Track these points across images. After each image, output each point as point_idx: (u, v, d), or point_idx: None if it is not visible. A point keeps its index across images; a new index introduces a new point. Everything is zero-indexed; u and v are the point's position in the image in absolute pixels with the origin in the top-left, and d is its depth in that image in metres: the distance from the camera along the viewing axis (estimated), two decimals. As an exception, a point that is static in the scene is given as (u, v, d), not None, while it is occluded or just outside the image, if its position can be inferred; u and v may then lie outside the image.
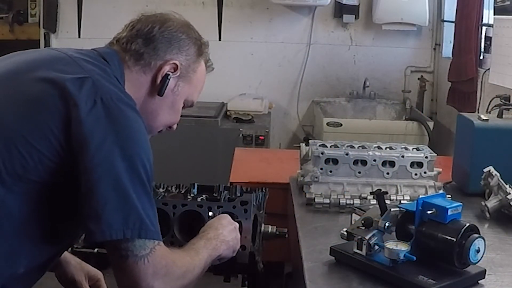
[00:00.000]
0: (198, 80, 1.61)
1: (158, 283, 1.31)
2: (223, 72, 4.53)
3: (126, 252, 1.29)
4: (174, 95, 1.55)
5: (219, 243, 1.54)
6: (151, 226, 1.32)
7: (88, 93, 1.32)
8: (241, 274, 1.79)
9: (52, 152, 1.29)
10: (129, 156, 1.31)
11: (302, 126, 4.65)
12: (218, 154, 3.84)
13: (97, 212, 1.27)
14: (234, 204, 1.72)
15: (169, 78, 1.51)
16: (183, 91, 1.57)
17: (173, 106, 1.57)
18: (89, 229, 1.28)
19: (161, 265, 1.32)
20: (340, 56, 4.59)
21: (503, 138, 2.21)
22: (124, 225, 1.28)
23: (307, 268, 1.60)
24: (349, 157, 2.12)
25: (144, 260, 1.30)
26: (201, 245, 1.51)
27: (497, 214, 1.99)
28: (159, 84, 1.51)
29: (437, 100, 4.51)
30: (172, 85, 1.53)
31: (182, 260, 1.40)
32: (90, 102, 1.31)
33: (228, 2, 4.51)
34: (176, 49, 1.53)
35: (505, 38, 3.01)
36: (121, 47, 1.51)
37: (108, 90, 1.35)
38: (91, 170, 1.28)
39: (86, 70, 1.37)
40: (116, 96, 1.35)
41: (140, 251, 1.29)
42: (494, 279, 1.54)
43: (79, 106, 1.29)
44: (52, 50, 1.50)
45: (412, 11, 4.26)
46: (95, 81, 1.35)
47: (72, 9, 4.49)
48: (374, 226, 1.55)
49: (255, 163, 2.80)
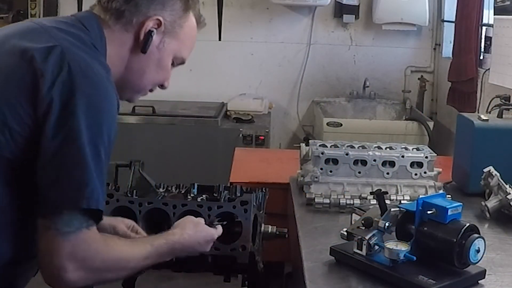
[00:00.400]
0: (186, 36, 1.54)
1: (72, 265, 1.26)
2: (223, 72, 4.55)
3: (50, 223, 1.25)
4: (160, 52, 1.50)
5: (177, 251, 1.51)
6: (99, 200, 1.27)
7: (54, 62, 1.28)
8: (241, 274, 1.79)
9: (22, 126, 1.27)
10: (91, 125, 1.27)
11: (302, 126, 4.65)
12: (218, 154, 3.84)
13: (46, 179, 1.25)
14: (234, 204, 1.72)
15: (152, 34, 1.46)
16: (170, 47, 1.51)
17: (160, 63, 1.51)
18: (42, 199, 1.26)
19: (80, 249, 1.27)
20: (340, 56, 4.59)
21: (503, 138, 2.21)
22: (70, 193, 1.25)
23: (307, 268, 1.60)
24: (349, 157, 2.12)
25: (64, 237, 1.25)
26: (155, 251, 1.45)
27: (497, 214, 1.99)
28: (142, 41, 1.46)
29: (437, 100, 4.51)
30: (157, 42, 1.48)
31: (113, 254, 1.34)
32: (56, 70, 1.28)
33: (228, 2, 4.51)
34: (160, 4, 1.48)
35: (505, 38, 3.01)
36: (102, 7, 1.46)
37: (77, 57, 1.31)
38: (52, 137, 1.25)
39: (56, 39, 1.34)
40: (85, 63, 1.31)
41: (64, 227, 1.25)
42: (494, 279, 1.54)
43: (45, 76, 1.27)
44: (28, 22, 1.46)
45: (412, 11, 4.27)
46: (64, 49, 1.31)
47: (72, 9, 4.48)
48: (374, 226, 1.55)
49: (255, 163, 2.80)
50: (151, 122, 3.97)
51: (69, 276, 1.26)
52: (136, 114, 3.97)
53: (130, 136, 3.87)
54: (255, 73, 4.62)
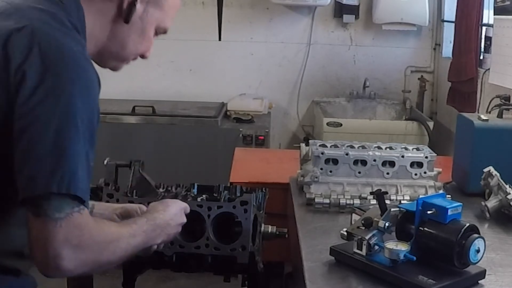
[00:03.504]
0: (169, 6, 1.51)
1: (67, 252, 1.21)
2: (223, 72, 4.55)
3: (39, 210, 1.20)
4: (143, 22, 1.46)
5: (162, 233, 1.49)
6: (81, 184, 1.22)
7: (24, 42, 1.24)
8: (241, 274, 1.80)
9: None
10: (66, 104, 1.22)
11: (302, 126, 4.65)
12: (218, 154, 3.84)
13: (24, 164, 1.20)
14: (234, 204, 1.72)
15: (135, 4, 1.43)
16: (153, 17, 1.48)
17: (142, 33, 1.48)
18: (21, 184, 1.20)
19: (74, 234, 1.22)
20: (340, 56, 4.59)
21: (503, 138, 2.21)
22: (50, 177, 1.19)
23: (307, 268, 1.60)
24: (349, 157, 2.12)
25: (56, 224, 1.20)
26: (141, 229, 1.43)
27: (497, 214, 1.99)
28: (125, 10, 1.42)
29: (437, 100, 4.51)
30: (140, 11, 1.45)
31: (105, 236, 1.30)
32: (26, 50, 1.23)
33: (228, 2, 4.51)
34: None
35: (505, 38, 3.01)
36: None
37: (48, 36, 1.26)
38: (22, 118, 1.20)
39: (27, 18, 1.29)
40: (57, 41, 1.26)
41: (54, 213, 1.19)
42: (494, 279, 1.54)
43: (14, 58, 1.23)
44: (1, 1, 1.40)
45: (412, 11, 4.26)
46: (35, 29, 1.26)
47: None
48: (374, 226, 1.55)
49: (255, 163, 2.80)
50: (151, 122, 3.97)
51: (66, 264, 1.21)
52: (136, 114, 3.97)
53: (130, 136, 3.87)
54: (255, 73, 4.62)
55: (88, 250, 1.25)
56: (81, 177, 1.22)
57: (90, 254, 1.26)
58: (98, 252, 1.28)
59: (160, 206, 1.56)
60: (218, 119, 4.00)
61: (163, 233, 1.50)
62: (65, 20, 1.33)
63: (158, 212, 1.53)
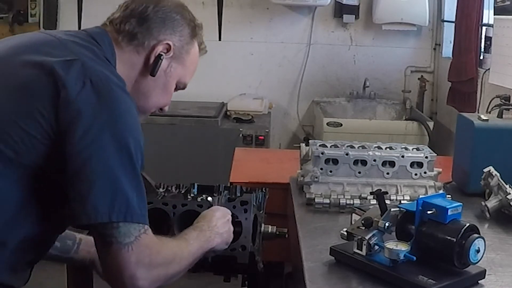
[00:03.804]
0: (191, 62, 1.59)
1: (141, 271, 1.30)
2: (223, 72, 4.55)
3: (110, 239, 1.28)
4: (166, 76, 1.53)
5: (212, 235, 1.55)
6: (138, 210, 1.30)
7: (77, 75, 1.30)
8: (241, 274, 1.79)
9: (43, 135, 1.29)
10: (119, 137, 1.29)
11: (302, 126, 4.65)
12: (218, 154, 3.84)
13: (83, 194, 1.26)
14: (234, 204, 1.72)
15: (162, 58, 1.49)
16: (176, 72, 1.55)
17: (165, 87, 1.55)
18: (75, 211, 1.28)
19: (144, 254, 1.31)
20: (340, 56, 4.59)
21: (503, 138, 2.21)
22: (110, 208, 1.27)
23: (307, 268, 1.60)
24: (349, 157, 2.12)
25: (128, 248, 1.28)
26: (193, 236, 1.51)
27: (497, 214, 1.99)
28: (152, 64, 1.49)
29: (437, 100, 4.51)
30: (165, 66, 1.52)
31: (169, 250, 1.39)
32: (79, 83, 1.30)
33: (228, 2, 4.51)
34: (170, 29, 1.51)
35: (505, 38, 3.01)
36: (114, 28, 1.49)
37: (97, 71, 1.33)
38: (80, 150, 1.27)
39: (75, 53, 1.36)
40: (106, 77, 1.33)
41: (124, 238, 1.28)
42: (494, 279, 1.54)
43: (68, 87, 1.28)
44: (41, 33, 1.48)
45: (412, 11, 4.26)
46: (84, 63, 1.33)
47: (72, 9, 4.50)
48: (374, 226, 1.55)
49: (255, 163, 2.80)
50: (151, 122, 3.96)
51: (141, 284, 1.30)
52: (136, 114, 3.96)
53: (130, 136, 3.86)
54: (255, 73, 4.62)
55: (158, 266, 1.34)
56: (136, 203, 1.30)
57: (161, 269, 1.35)
58: (167, 266, 1.37)
59: (200, 217, 1.62)
60: (218, 119, 3.99)
61: (213, 233, 1.55)
62: (104, 59, 1.41)
63: (202, 221, 1.59)
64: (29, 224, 1.34)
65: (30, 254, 1.40)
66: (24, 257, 1.38)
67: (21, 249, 1.35)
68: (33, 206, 1.33)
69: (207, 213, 1.62)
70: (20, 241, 1.34)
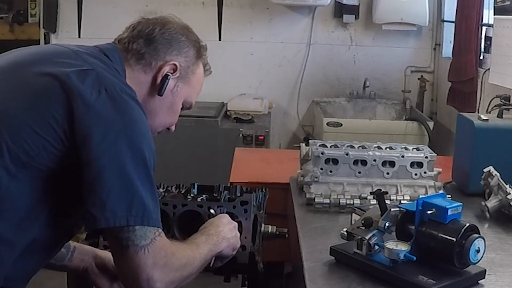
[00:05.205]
0: (197, 82, 1.64)
1: (158, 273, 1.33)
2: (223, 72, 4.54)
3: (127, 242, 1.31)
4: (173, 96, 1.57)
5: (220, 240, 1.57)
6: (154, 214, 1.34)
7: (92, 84, 1.34)
8: (241, 274, 1.79)
9: (56, 139, 1.31)
10: (135, 145, 1.34)
11: (302, 126, 4.65)
12: (218, 154, 3.84)
13: (101, 199, 1.29)
14: (234, 204, 1.72)
15: (168, 78, 1.53)
16: (182, 92, 1.59)
17: (172, 106, 1.58)
18: (93, 216, 1.30)
19: (160, 256, 1.34)
20: (340, 56, 4.59)
21: (503, 138, 2.21)
22: (128, 212, 1.30)
23: (307, 268, 1.60)
24: (349, 157, 2.12)
25: (145, 250, 1.31)
26: (202, 240, 1.53)
27: (497, 214, 1.99)
28: (159, 84, 1.53)
29: (437, 100, 4.51)
30: (172, 86, 1.55)
31: (183, 252, 1.42)
32: (94, 92, 1.33)
33: (228, 2, 4.51)
34: (176, 50, 1.55)
35: (505, 38, 3.01)
36: (123, 47, 1.53)
37: (111, 81, 1.37)
38: (97, 157, 1.29)
39: (89, 63, 1.40)
40: (120, 87, 1.37)
41: (140, 241, 1.31)
42: (494, 279, 1.54)
43: (83, 96, 1.32)
44: (54, 45, 1.53)
45: (412, 11, 4.26)
46: (99, 73, 1.37)
47: (72, 9, 4.49)
48: (374, 226, 1.55)
49: (255, 163, 2.80)
50: (151, 122, 3.96)
51: (158, 285, 1.33)
52: (136, 114, 3.96)
53: (130, 136, 3.86)
54: (255, 73, 4.62)
55: (174, 268, 1.37)
56: (152, 207, 1.33)
57: (176, 271, 1.38)
58: (182, 268, 1.40)
59: (207, 223, 1.63)
60: (218, 119, 3.99)
61: (220, 238, 1.57)
62: (116, 71, 1.45)
63: (209, 226, 1.60)
64: (37, 227, 1.35)
65: (35, 259, 1.41)
66: (29, 262, 1.39)
67: (28, 252, 1.36)
68: (44, 209, 1.35)
69: (214, 220, 1.64)
70: (28, 244, 1.35)
